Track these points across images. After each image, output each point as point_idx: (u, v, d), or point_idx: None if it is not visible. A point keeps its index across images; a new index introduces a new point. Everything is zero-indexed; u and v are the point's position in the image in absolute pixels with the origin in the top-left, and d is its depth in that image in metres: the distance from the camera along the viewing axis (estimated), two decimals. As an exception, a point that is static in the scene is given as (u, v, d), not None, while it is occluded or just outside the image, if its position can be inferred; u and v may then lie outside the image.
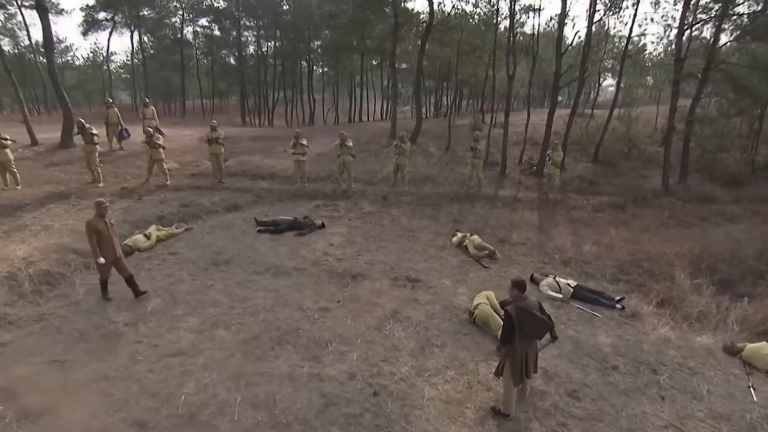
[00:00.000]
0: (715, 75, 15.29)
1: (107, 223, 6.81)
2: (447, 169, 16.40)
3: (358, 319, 6.71)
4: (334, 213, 11.84)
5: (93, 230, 6.63)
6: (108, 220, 6.85)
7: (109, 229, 6.79)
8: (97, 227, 6.65)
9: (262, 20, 36.47)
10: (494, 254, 9.35)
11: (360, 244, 9.80)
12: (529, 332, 4.69)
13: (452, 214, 12.28)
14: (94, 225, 6.65)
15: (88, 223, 6.69)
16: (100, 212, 6.75)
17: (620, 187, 14.77)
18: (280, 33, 36.45)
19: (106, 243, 6.73)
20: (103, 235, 6.69)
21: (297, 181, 13.79)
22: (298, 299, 7.20)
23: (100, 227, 6.68)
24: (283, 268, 8.27)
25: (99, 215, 6.74)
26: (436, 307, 7.17)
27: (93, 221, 6.69)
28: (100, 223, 6.70)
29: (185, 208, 11.11)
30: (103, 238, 6.70)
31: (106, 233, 6.73)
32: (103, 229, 6.69)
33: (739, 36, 15.61)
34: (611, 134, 18.38)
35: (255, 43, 39.53)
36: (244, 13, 36.51)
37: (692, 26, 15.03)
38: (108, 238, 6.75)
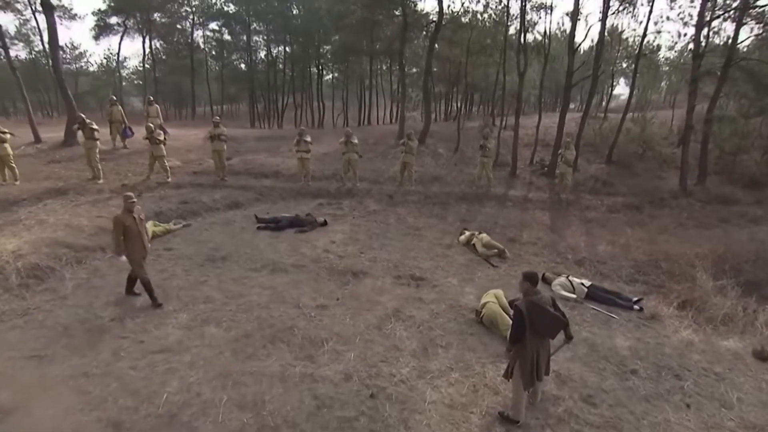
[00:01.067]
0: (735, 73, 14.72)
1: (136, 218, 6.32)
2: (456, 170, 15.99)
3: (358, 317, 6.32)
4: (338, 211, 11.48)
5: (120, 226, 6.16)
6: (137, 216, 6.37)
7: (138, 225, 6.33)
8: (124, 223, 6.18)
9: (272, 25, 36.50)
10: (504, 253, 8.91)
11: (363, 241, 9.42)
12: (541, 330, 4.27)
13: (460, 213, 11.86)
14: (121, 221, 6.17)
15: (115, 218, 6.24)
16: (127, 207, 6.26)
17: (635, 188, 14.23)
18: (290, 37, 36.43)
19: (135, 240, 6.28)
20: (131, 232, 6.23)
21: (301, 179, 13.47)
22: (294, 296, 6.84)
23: (128, 223, 6.21)
24: (281, 265, 7.91)
25: (127, 210, 6.25)
26: (441, 306, 6.76)
27: (121, 217, 6.22)
28: (128, 219, 6.22)
29: (185, 205, 10.83)
30: (131, 234, 6.23)
31: (135, 229, 6.26)
32: (131, 225, 6.23)
33: (762, 31, 14.97)
34: (625, 135, 17.86)
35: (265, 47, 39.61)
36: (253, 18, 36.60)
37: (711, 21, 14.46)
38: (137, 235, 6.30)
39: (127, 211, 6.25)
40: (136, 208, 6.38)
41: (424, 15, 23.56)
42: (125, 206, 6.27)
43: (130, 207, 6.26)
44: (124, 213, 6.25)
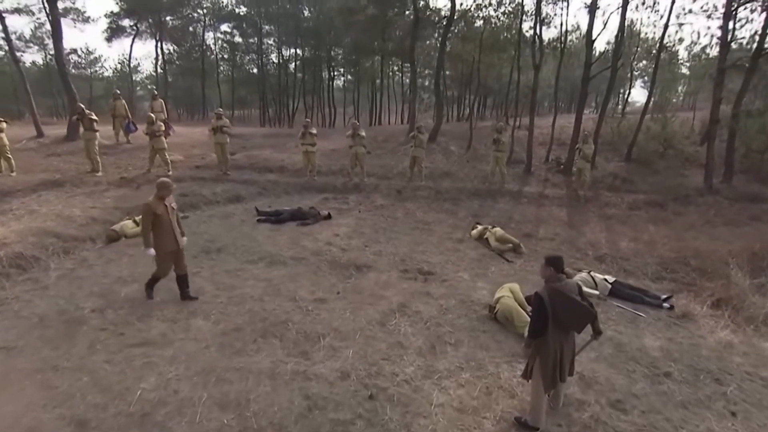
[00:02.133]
0: (765, 65, 13.99)
1: (168, 207, 5.63)
2: (468, 167, 15.39)
3: (359, 312, 5.78)
4: (343, 205, 10.99)
5: (150, 214, 5.44)
6: (169, 204, 5.67)
7: (169, 215, 5.63)
8: (155, 211, 5.45)
9: (283, 27, 36.28)
10: (519, 248, 8.32)
11: (368, 235, 8.90)
12: (566, 322, 3.69)
13: (472, 208, 11.29)
14: (152, 208, 5.44)
15: (145, 205, 5.50)
16: (160, 194, 5.56)
17: (657, 185, 13.52)
18: (301, 40, 36.19)
19: (165, 231, 5.59)
20: (163, 221, 5.53)
21: (306, 174, 13.01)
22: (291, 289, 6.32)
23: (159, 211, 5.49)
24: (279, 257, 7.41)
25: (159, 197, 5.55)
26: (451, 302, 6.19)
27: (152, 203, 5.48)
28: (159, 207, 5.50)
29: (183, 198, 10.39)
30: (162, 224, 5.54)
31: (166, 219, 5.57)
32: (163, 214, 5.53)
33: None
34: (645, 134, 17.12)
35: (276, 49, 39.47)
36: (265, 20, 36.46)
37: (739, 6, 13.70)
38: (168, 225, 5.60)
39: (159, 198, 5.55)
40: (170, 197, 5.73)
41: (435, 11, 23.10)
42: (158, 192, 5.58)
43: (164, 194, 5.58)
44: (156, 200, 5.53)
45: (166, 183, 5.67)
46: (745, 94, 14.01)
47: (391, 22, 28.00)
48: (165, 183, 5.66)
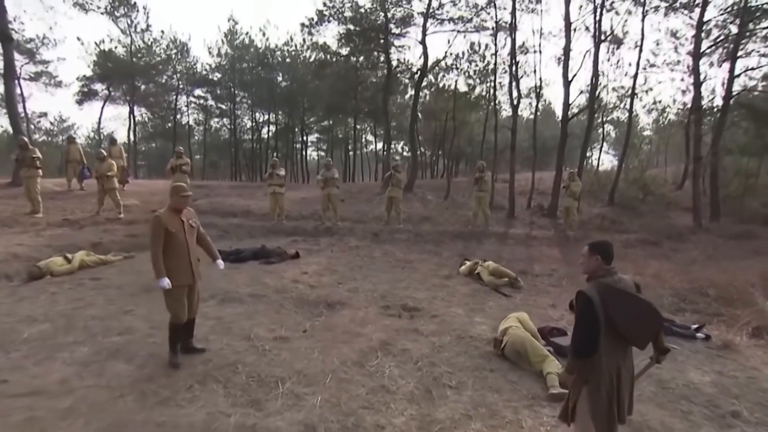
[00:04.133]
0: (736, 108, 14.11)
1: (185, 223, 4.17)
2: (447, 212, 14.63)
3: (330, 351, 4.54)
4: (314, 246, 9.85)
5: (161, 230, 3.97)
6: (187, 220, 4.21)
7: (186, 234, 4.14)
8: (167, 226, 3.99)
9: (257, 93, 36.08)
10: (516, 281, 7.29)
11: (342, 272, 7.74)
12: (627, 332, 2.60)
13: (457, 249, 10.29)
14: (163, 222, 3.99)
15: (155, 218, 4.06)
16: (176, 204, 4.13)
17: (646, 226, 12.92)
18: (274, 105, 36.04)
19: (180, 256, 4.07)
20: (176, 243, 4.05)
21: (274, 218, 11.88)
22: (246, 327, 5.06)
23: (174, 227, 4.04)
24: (234, 295, 6.16)
25: (174, 210, 4.13)
26: (445, 339, 5.02)
27: (163, 216, 4.04)
28: (173, 221, 4.07)
29: (132, 238, 9.15)
30: (176, 247, 4.05)
31: (182, 240, 4.09)
32: (178, 232, 4.07)
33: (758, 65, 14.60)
34: (624, 180, 16.92)
35: (249, 114, 39.23)
36: (239, 86, 36.19)
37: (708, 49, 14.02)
38: (183, 249, 4.09)
39: (174, 210, 4.13)
40: (188, 210, 4.28)
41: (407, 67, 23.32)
42: (172, 201, 4.14)
43: (180, 204, 4.15)
44: (169, 212, 4.10)
45: (183, 187, 4.27)
46: (722, 134, 13.93)
47: (363, 79, 28.34)
48: (180, 187, 4.26)
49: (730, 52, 13.99)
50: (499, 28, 17.41)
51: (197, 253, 4.30)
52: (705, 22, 13.91)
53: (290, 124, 36.61)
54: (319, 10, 20.93)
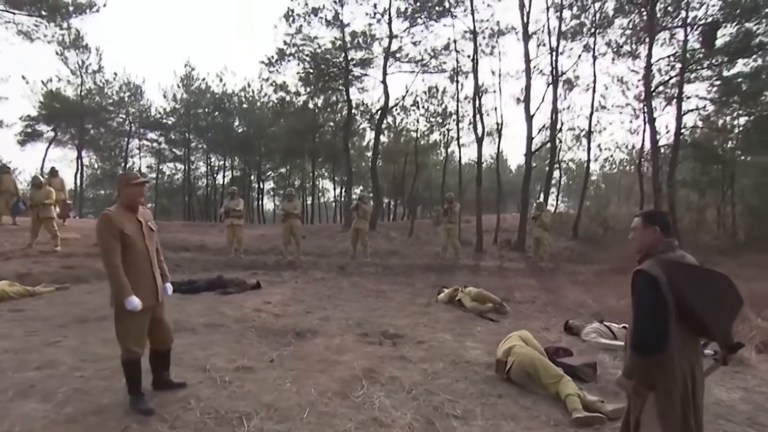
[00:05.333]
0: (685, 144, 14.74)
1: (144, 224, 3.28)
2: (413, 248, 14.13)
3: (305, 381, 3.76)
4: (276, 278, 8.99)
5: (114, 232, 3.06)
6: (145, 221, 3.30)
7: (146, 240, 3.26)
8: (120, 228, 3.08)
9: (213, 138, 34.89)
10: (502, 306, 6.74)
11: (310, 302, 6.94)
12: (710, 317, 2.06)
13: (430, 281, 9.70)
14: (116, 223, 3.07)
15: (104, 217, 3.09)
16: (129, 198, 3.23)
17: (614, 256, 12.84)
18: (231, 151, 34.97)
19: (140, 266, 3.19)
20: (135, 249, 3.15)
21: (231, 251, 10.92)
22: (200, 358, 4.20)
23: (129, 230, 3.14)
24: (187, 324, 5.24)
25: (127, 208, 3.22)
26: (438, 365, 4.33)
27: (114, 215, 3.11)
28: (128, 222, 3.15)
29: (68, 270, 8.05)
30: (134, 253, 3.15)
31: (140, 246, 3.20)
32: (135, 236, 3.17)
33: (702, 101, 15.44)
34: (585, 214, 17.16)
35: (204, 159, 37.89)
36: (194, 132, 34.91)
37: (655, 90, 14.67)
38: (143, 257, 3.21)
39: (127, 208, 3.22)
40: (145, 210, 3.37)
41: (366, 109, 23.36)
42: (124, 197, 3.23)
43: (134, 196, 3.23)
44: (121, 211, 3.18)
45: (135, 174, 3.35)
46: (675, 168, 14.40)
47: (323, 123, 28.24)
48: (132, 174, 3.33)
49: (676, 93, 14.75)
50: (459, 71, 17.83)
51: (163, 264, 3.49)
52: (653, 64, 14.64)
53: (247, 171, 35.63)
54: (280, 48, 20.84)
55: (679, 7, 15.45)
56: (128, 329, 3.16)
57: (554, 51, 15.51)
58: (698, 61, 15.34)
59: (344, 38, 19.56)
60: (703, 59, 15.30)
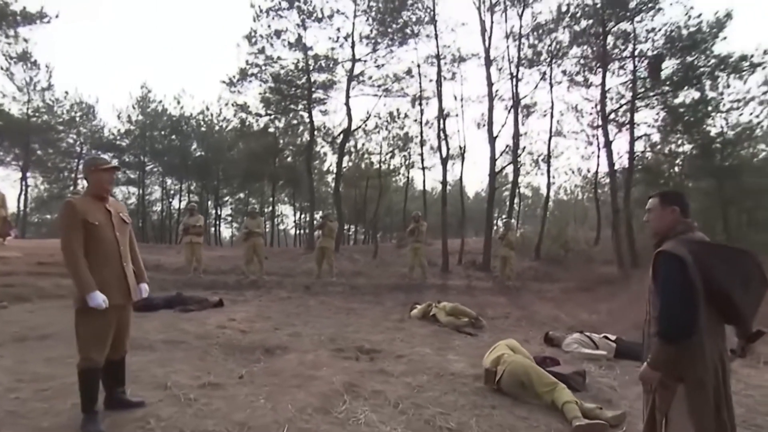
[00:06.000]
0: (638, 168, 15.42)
1: (114, 215, 2.92)
2: (378, 269, 13.88)
3: (281, 397, 3.39)
4: (239, 297, 8.48)
5: (76, 222, 2.70)
6: (116, 212, 2.96)
7: (116, 231, 2.88)
8: (85, 216, 2.73)
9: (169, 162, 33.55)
10: (478, 320, 6.56)
11: (277, 319, 6.51)
12: (738, 296, 1.92)
13: (399, 300, 9.43)
14: (79, 211, 2.72)
15: (67, 205, 2.76)
16: (97, 186, 2.89)
17: (575, 276, 13.06)
18: (187, 174, 33.74)
19: (109, 260, 2.83)
20: (103, 241, 2.80)
21: (190, 270, 10.29)
22: (159, 375, 3.75)
23: (96, 218, 2.78)
24: (144, 342, 4.75)
25: (94, 196, 2.88)
26: (422, 378, 4.05)
27: (79, 203, 2.79)
28: (95, 211, 2.81)
29: (7, 288, 7.27)
30: (102, 246, 2.79)
31: (111, 238, 2.85)
32: (104, 226, 2.81)
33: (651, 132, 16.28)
34: (546, 237, 17.51)
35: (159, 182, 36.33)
36: (149, 156, 33.44)
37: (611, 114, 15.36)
38: (112, 248, 2.85)
39: (95, 197, 2.88)
40: (116, 201, 3.03)
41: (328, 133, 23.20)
42: (91, 184, 2.89)
43: (103, 184, 2.89)
44: (88, 199, 2.86)
45: (104, 159, 3.00)
46: (631, 188, 14.98)
47: (284, 147, 27.85)
48: (101, 158, 2.98)
49: (628, 120, 15.49)
50: (422, 96, 18.08)
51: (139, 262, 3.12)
52: (607, 91, 15.36)
53: (204, 195, 34.44)
54: (242, 68, 20.49)
55: (627, 40, 16.38)
56: (91, 333, 2.77)
57: (514, 77, 16.04)
58: (646, 92, 16.25)
59: (307, 61, 19.49)
60: (650, 90, 16.24)
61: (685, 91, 16.11)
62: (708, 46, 14.94)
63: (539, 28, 16.82)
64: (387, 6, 17.61)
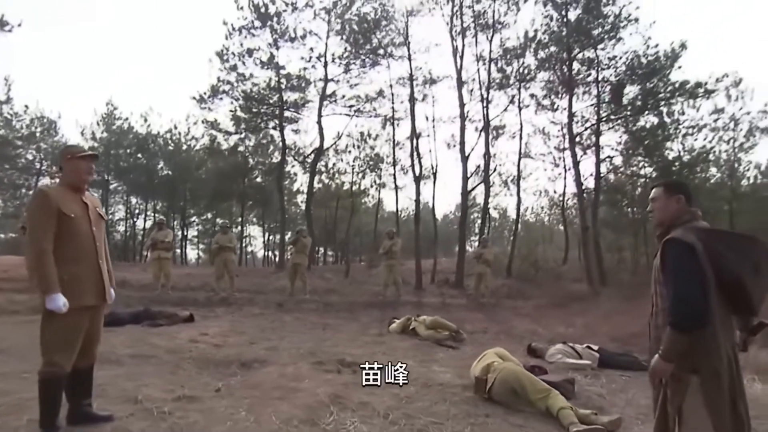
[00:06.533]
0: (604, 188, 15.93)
1: (91, 207, 2.71)
2: (351, 287, 13.68)
3: (263, 409, 3.18)
4: (209, 314, 8.12)
5: (50, 212, 2.48)
6: (93, 205, 2.75)
7: (92, 225, 2.67)
8: (60, 206, 2.52)
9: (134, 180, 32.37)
10: (459, 334, 6.46)
11: (252, 334, 6.24)
12: (750, 284, 1.88)
13: (375, 316, 9.25)
14: (53, 201, 2.51)
15: (40, 193, 2.58)
16: (73, 176, 2.66)
17: (547, 293, 13.22)
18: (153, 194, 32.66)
19: (84, 256, 2.59)
20: (78, 235, 2.57)
21: (158, 286, 9.83)
22: (128, 389, 3.47)
23: (71, 210, 2.56)
24: (110, 356, 4.41)
25: (70, 187, 2.66)
26: (410, 389, 3.89)
27: (51, 190, 2.59)
28: (71, 203, 2.59)
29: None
30: (77, 240, 2.57)
31: (87, 232, 2.63)
32: (80, 219, 2.60)
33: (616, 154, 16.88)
34: (517, 256, 17.73)
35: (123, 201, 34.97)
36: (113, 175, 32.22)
37: (577, 136, 15.87)
38: (88, 244, 2.63)
39: (71, 188, 2.65)
40: (92, 196, 2.81)
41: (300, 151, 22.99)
42: (67, 172, 2.67)
43: (81, 174, 2.67)
44: (63, 190, 2.62)
45: (80, 148, 2.77)
46: (598, 209, 15.40)
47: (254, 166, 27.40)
48: (78, 147, 2.84)
49: (594, 142, 16.06)
50: (393, 117, 18.23)
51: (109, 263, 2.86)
52: (574, 114, 15.90)
53: (170, 215, 33.36)
54: (213, 84, 20.19)
55: (591, 66, 17.08)
56: (59, 335, 2.53)
57: (484, 99, 16.37)
58: (609, 116, 16.92)
59: (279, 79, 19.42)
60: (613, 114, 16.93)
61: (645, 116, 16.93)
62: (665, 73, 15.76)
63: (508, 53, 17.34)
64: (361, 27, 17.81)
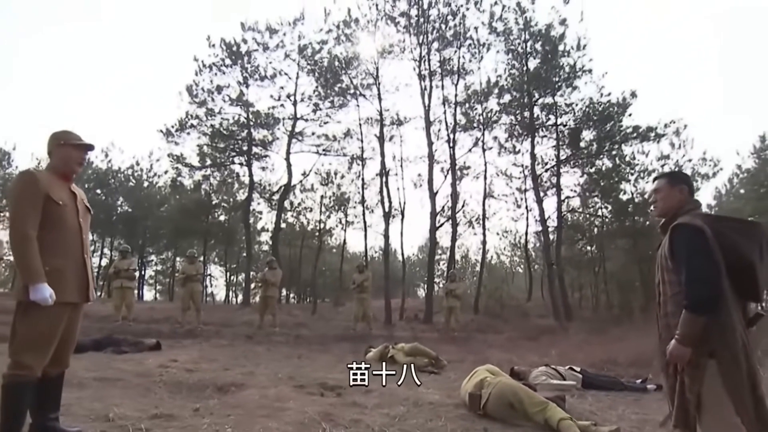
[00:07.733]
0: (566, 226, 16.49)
1: (79, 199, 2.55)
2: (319, 323, 13.35)
3: (251, 426, 2.96)
4: (176, 344, 7.66)
5: (38, 197, 2.28)
6: (81, 196, 2.59)
7: (80, 217, 2.50)
8: (49, 192, 2.32)
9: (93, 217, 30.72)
10: (439, 360, 6.33)
11: (225, 361, 5.89)
12: (758, 269, 1.93)
13: (347, 348, 8.99)
14: (42, 185, 2.31)
15: (27, 175, 2.42)
16: (64, 162, 2.50)
17: (516, 328, 13.30)
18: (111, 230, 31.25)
19: (70, 249, 2.41)
20: (65, 225, 2.40)
21: (119, 318, 9.22)
22: (96, 408, 3.16)
23: (60, 197, 2.38)
24: (72, 379, 4.01)
25: (59, 174, 2.49)
26: (400, 409, 3.74)
27: (39, 174, 2.42)
28: (60, 190, 2.42)
29: None
30: (63, 230, 2.39)
31: (74, 223, 2.46)
32: (68, 208, 2.43)
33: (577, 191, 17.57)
34: (483, 294, 17.87)
35: None
36: None
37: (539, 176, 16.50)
38: (74, 236, 2.45)
39: (60, 176, 2.49)
40: (77, 188, 2.61)
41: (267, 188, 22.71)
42: (57, 158, 2.49)
43: (73, 161, 2.53)
44: (51, 176, 2.45)
45: (75, 135, 2.55)
46: (562, 244, 15.86)
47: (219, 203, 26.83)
48: (73, 135, 2.54)
49: (555, 182, 16.76)
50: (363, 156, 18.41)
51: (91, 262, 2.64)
52: (536, 155, 16.60)
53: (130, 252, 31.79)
54: (181, 118, 19.87)
55: (551, 111, 18.01)
56: (34, 333, 2.28)
57: (450, 140, 16.83)
58: (568, 158, 17.77)
59: (248, 116, 19.39)
60: (572, 156, 17.79)
61: (601, 159, 17.85)
62: (617, 120, 16.80)
63: (471, 97, 18.06)
64: (331, 66, 18.17)
